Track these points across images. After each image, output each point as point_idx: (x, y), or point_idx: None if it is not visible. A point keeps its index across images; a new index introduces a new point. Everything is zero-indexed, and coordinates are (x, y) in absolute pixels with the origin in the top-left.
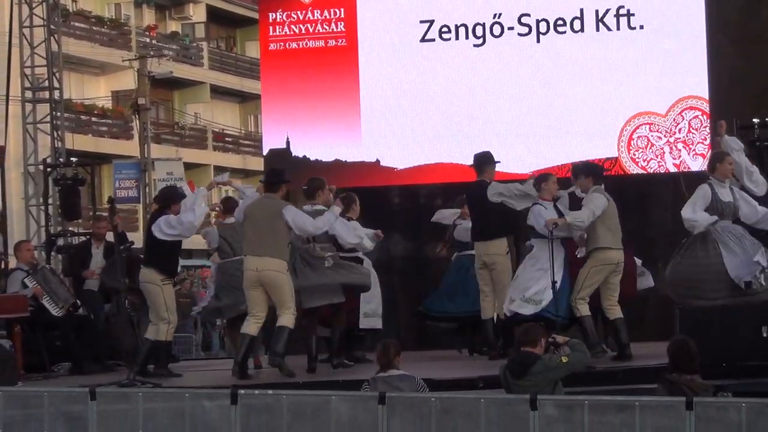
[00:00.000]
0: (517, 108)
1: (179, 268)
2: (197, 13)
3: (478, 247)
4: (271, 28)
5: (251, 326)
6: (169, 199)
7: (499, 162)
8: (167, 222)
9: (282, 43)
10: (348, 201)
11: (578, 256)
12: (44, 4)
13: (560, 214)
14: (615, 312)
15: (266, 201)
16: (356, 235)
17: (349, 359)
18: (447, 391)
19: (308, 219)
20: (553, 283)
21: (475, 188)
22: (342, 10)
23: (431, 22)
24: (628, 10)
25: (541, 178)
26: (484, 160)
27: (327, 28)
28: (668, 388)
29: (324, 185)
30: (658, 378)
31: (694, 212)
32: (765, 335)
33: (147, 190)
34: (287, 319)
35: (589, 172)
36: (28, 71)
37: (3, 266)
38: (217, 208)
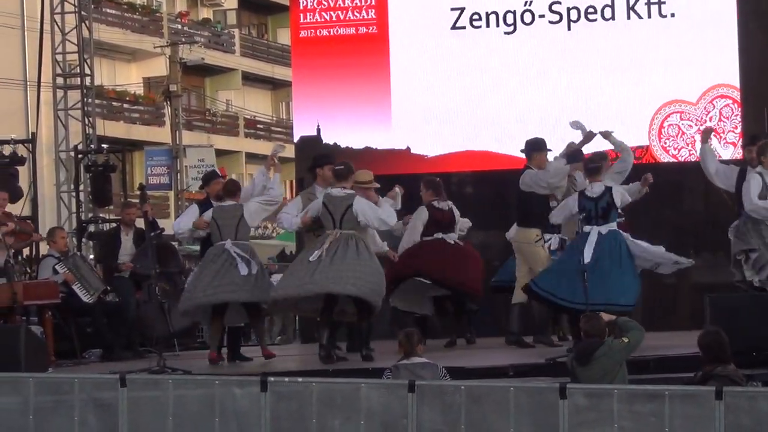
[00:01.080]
0: (547, 96)
1: None
2: (229, 0)
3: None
4: (302, 15)
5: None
6: (206, 180)
7: (550, 150)
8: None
9: (313, 30)
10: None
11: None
12: None
13: None
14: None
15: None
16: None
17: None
18: (477, 380)
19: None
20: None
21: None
22: None
23: (462, 9)
24: None
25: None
26: (531, 147)
27: (358, 15)
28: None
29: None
30: (703, 373)
31: (758, 200)
32: None
33: (178, 177)
34: None
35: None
36: (59, 58)
37: (35, 252)
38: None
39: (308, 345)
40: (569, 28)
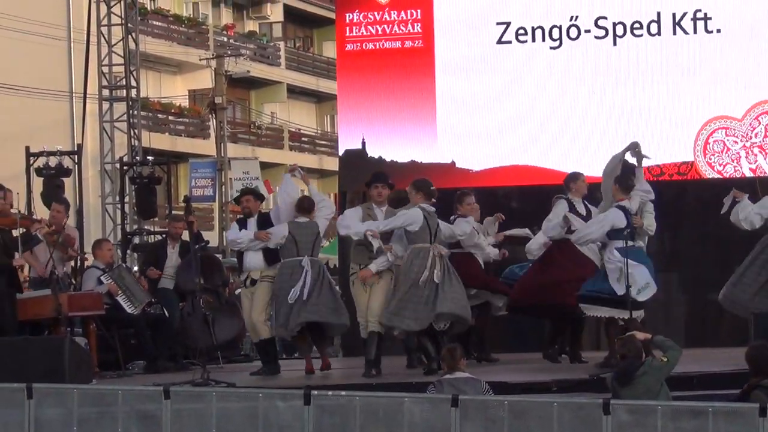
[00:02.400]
0: (593, 111)
1: None
2: (275, 13)
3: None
4: (348, 28)
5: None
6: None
7: (581, 174)
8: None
9: (358, 44)
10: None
11: None
12: (122, 2)
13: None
14: None
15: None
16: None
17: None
18: (520, 395)
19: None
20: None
21: None
22: (419, 11)
23: (508, 24)
24: (705, 14)
25: (570, 177)
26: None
27: (404, 29)
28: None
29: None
30: (748, 385)
31: None
32: None
33: (223, 190)
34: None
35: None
36: (105, 70)
37: (79, 264)
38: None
39: (350, 359)
40: (615, 44)
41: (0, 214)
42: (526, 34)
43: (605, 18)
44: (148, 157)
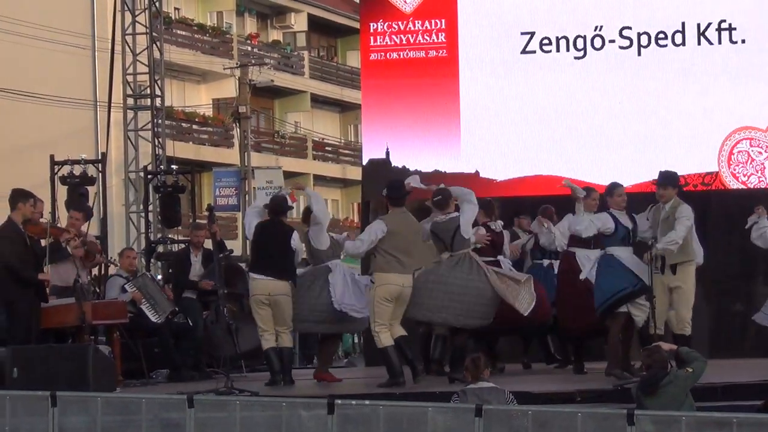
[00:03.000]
0: (617, 121)
1: None
2: (299, 22)
3: None
4: (372, 38)
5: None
6: (278, 210)
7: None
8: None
9: (383, 53)
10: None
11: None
12: (147, 11)
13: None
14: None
15: (407, 216)
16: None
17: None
18: (544, 405)
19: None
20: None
21: None
22: (443, 20)
23: (532, 33)
24: (730, 24)
25: (608, 190)
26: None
27: (428, 38)
28: None
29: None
30: None
31: None
32: None
33: (246, 199)
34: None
35: (676, 183)
36: (130, 78)
37: (103, 272)
38: None
39: (373, 368)
40: (639, 54)
41: (30, 222)
42: (550, 44)
43: (630, 28)
44: (172, 166)
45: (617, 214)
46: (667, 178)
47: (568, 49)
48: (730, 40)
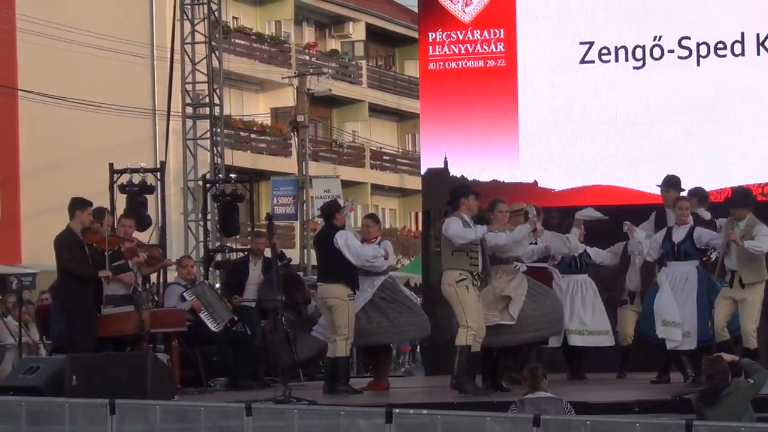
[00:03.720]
0: (676, 131)
1: None
2: (357, 32)
3: None
4: (430, 47)
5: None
6: (332, 210)
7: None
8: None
9: (441, 63)
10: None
11: None
12: (206, 21)
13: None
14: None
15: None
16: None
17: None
18: (602, 415)
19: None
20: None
21: None
22: (501, 30)
23: (591, 43)
24: None
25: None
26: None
27: (486, 48)
28: None
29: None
30: None
31: None
32: None
33: (304, 207)
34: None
35: (750, 201)
36: (189, 87)
37: (162, 279)
38: None
39: (431, 377)
40: (698, 64)
41: (89, 230)
42: (609, 53)
43: (689, 38)
44: (230, 175)
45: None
46: (743, 197)
47: (626, 59)
48: None
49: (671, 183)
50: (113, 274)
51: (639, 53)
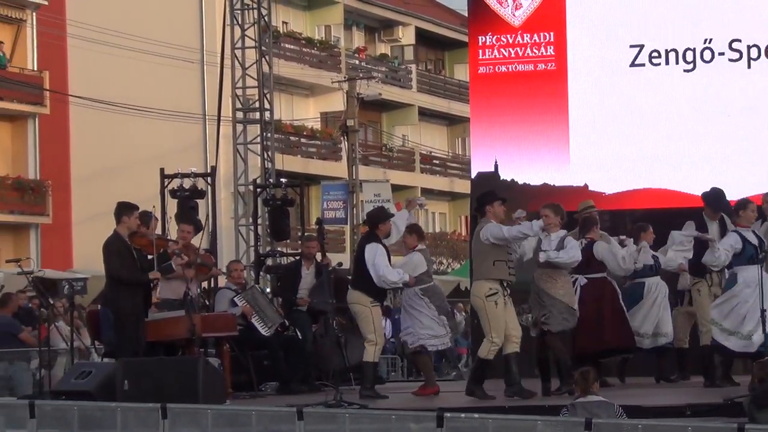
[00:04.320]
0: (726, 134)
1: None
2: (406, 36)
3: None
4: (480, 51)
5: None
6: (377, 219)
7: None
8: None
9: (491, 67)
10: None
11: None
12: (256, 25)
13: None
14: None
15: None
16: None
17: None
18: (653, 419)
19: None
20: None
21: None
22: (552, 34)
23: (641, 46)
24: None
25: (739, 205)
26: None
27: (536, 51)
28: None
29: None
30: None
31: None
32: None
33: (354, 212)
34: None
35: None
36: (239, 92)
37: (213, 284)
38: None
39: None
40: (749, 66)
41: (136, 234)
42: (659, 56)
43: (739, 41)
44: (281, 180)
45: (743, 231)
46: None
47: (677, 62)
48: None
49: None
50: (162, 275)
51: (689, 56)
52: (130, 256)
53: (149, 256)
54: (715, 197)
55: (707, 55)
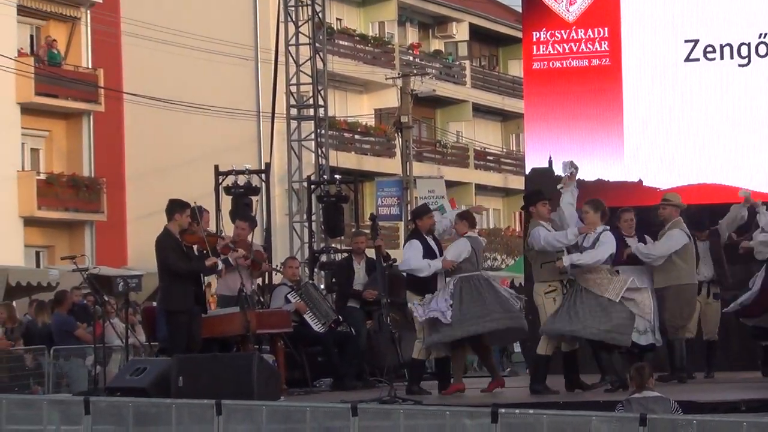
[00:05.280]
0: None
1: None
2: (460, 32)
3: None
4: (534, 47)
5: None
6: (416, 215)
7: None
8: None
9: (545, 62)
10: None
11: None
12: (310, 22)
13: None
14: None
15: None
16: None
17: None
18: (709, 414)
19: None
20: None
21: None
22: (606, 29)
23: (696, 41)
24: None
25: None
26: None
27: (591, 47)
28: None
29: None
30: None
31: None
32: None
33: (408, 208)
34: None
35: None
36: (293, 89)
37: (268, 281)
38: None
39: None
40: None
41: (187, 232)
42: (714, 51)
43: None
44: (335, 176)
45: None
46: None
47: (732, 57)
48: None
49: None
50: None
51: (744, 50)
52: (182, 252)
53: (199, 252)
54: None
55: (762, 49)
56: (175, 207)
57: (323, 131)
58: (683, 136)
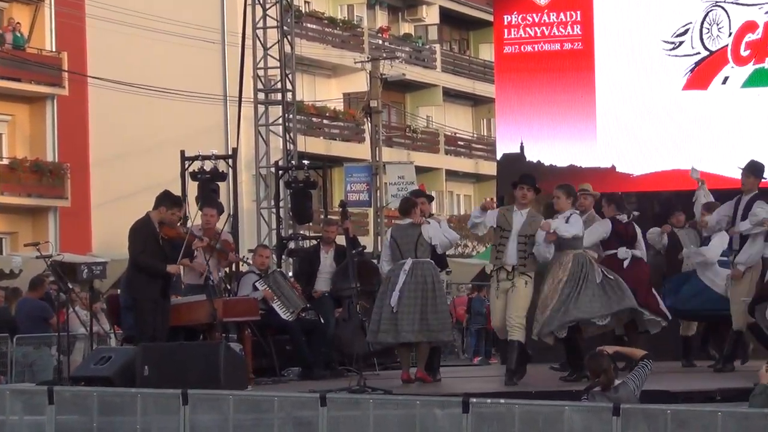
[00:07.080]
0: (752, 114)
1: None
2: (430, 15)
3: None
4: (506, 30)
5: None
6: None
7: None
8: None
9: (517, 46)
10: None
11: None
12: (278, 5)
13: None
14: None
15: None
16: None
17: None
18: (683, 404)
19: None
20: None
21: None
22: (578, 12)
23: (669, 25)
24: None
25: None
26: None
27: (563, 31)
28: None
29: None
30: None
31: None
32: None
33: (378, 194)
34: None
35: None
36: (260, 73)
37: (236, 268)
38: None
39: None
40: None
41: (165, 224)
42: (686, 34)
43: None
44: (303, 162)
45: None
46: None
47: (703, 42)
48: None
49: (752, 169)
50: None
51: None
52: (156, 243)
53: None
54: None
55: None
56: (164, 200)
57: (291, 116)
58: (656, 121)
